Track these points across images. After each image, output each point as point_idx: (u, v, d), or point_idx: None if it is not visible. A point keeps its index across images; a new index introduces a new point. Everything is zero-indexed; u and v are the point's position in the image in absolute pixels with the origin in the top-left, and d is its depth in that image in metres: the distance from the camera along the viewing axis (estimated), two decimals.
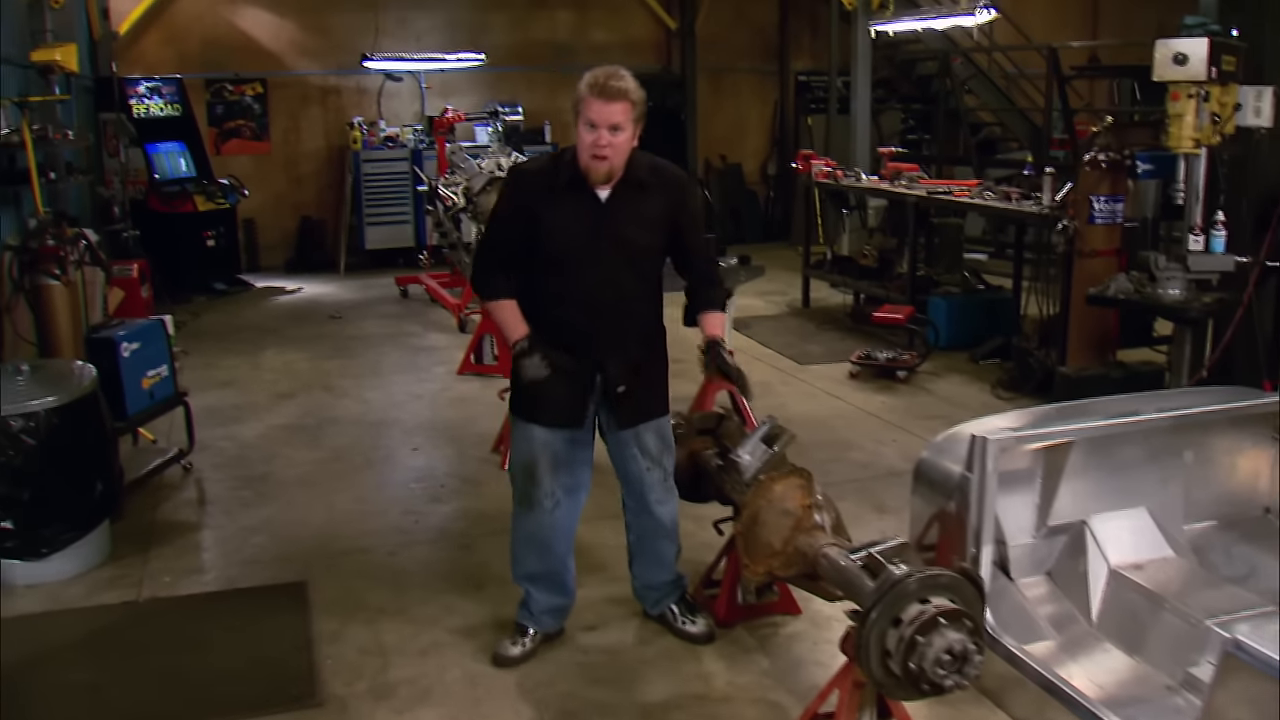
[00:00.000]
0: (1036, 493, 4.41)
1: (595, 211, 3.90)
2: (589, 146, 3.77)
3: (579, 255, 3.92)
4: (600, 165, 3.80)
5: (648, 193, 3.95)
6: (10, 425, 4.81)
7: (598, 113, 3.73)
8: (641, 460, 4.21)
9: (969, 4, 9.33)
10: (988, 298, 9.68)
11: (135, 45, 13.23)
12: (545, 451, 4.10)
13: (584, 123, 3.76)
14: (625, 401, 4.08)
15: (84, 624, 4.66)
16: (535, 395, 4.02)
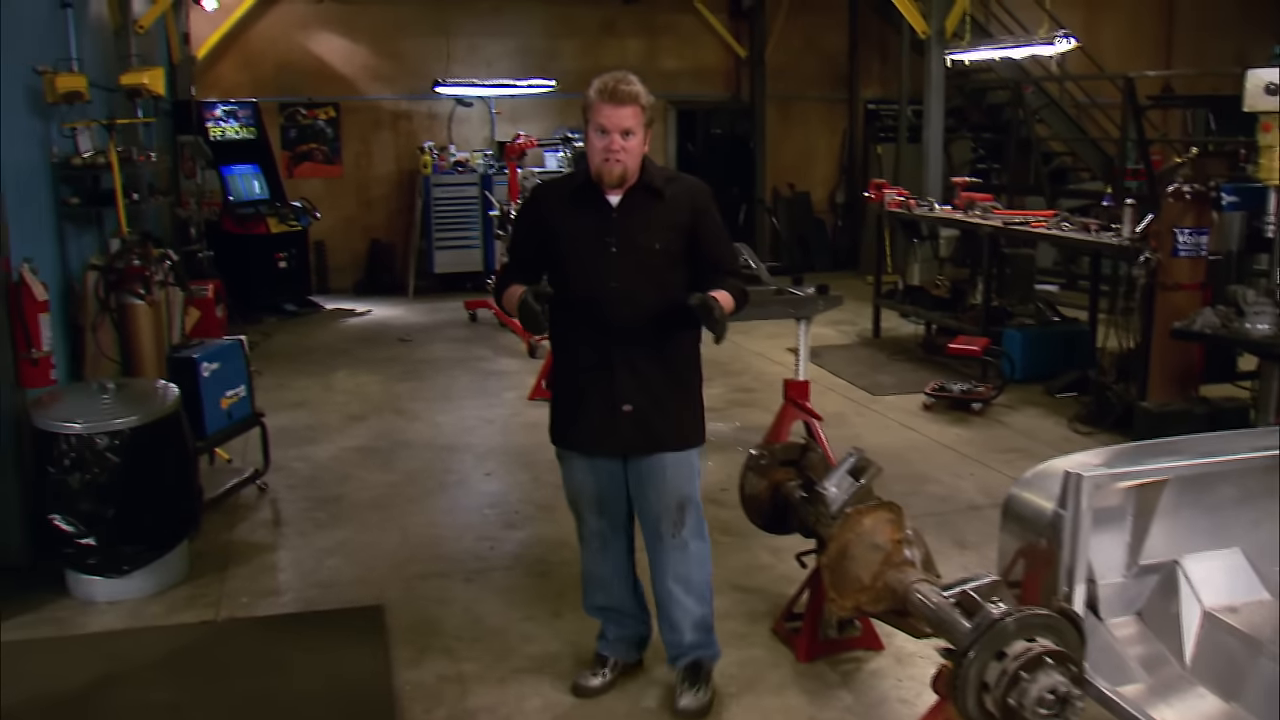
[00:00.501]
0: (1128, 531, 4.29)
1: (605, 216, 3.83)
2: (600, 151, 3.72)
3: (589, 260, 3.83)
4: (613, 169, 3.73)
5: (662, 199, 3.85)
6: (96, 443, 4.87)
7: (608, 117, 3.68)
8: (655, 504, 3.97)
9: (1047, 33, 9.20)
10: (1063, 330, 9.52)
11: (212, 69, 13.48)
12: (585, 486, 4.02)
13: (594, 128, 3.72)
14: (630, 421, 3.86)
15: (164, 642, 4.69)
16: (565, 416, 3.99)
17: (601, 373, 3.85)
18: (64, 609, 5.00)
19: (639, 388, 3.86)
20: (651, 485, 3.95)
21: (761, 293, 7.01)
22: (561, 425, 4.02)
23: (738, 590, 5.11)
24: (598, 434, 3.91)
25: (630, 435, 3.88)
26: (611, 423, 3.86)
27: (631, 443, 3.90)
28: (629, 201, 3.82)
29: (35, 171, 6.67)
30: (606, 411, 3.85)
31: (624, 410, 3.84)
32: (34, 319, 5.22)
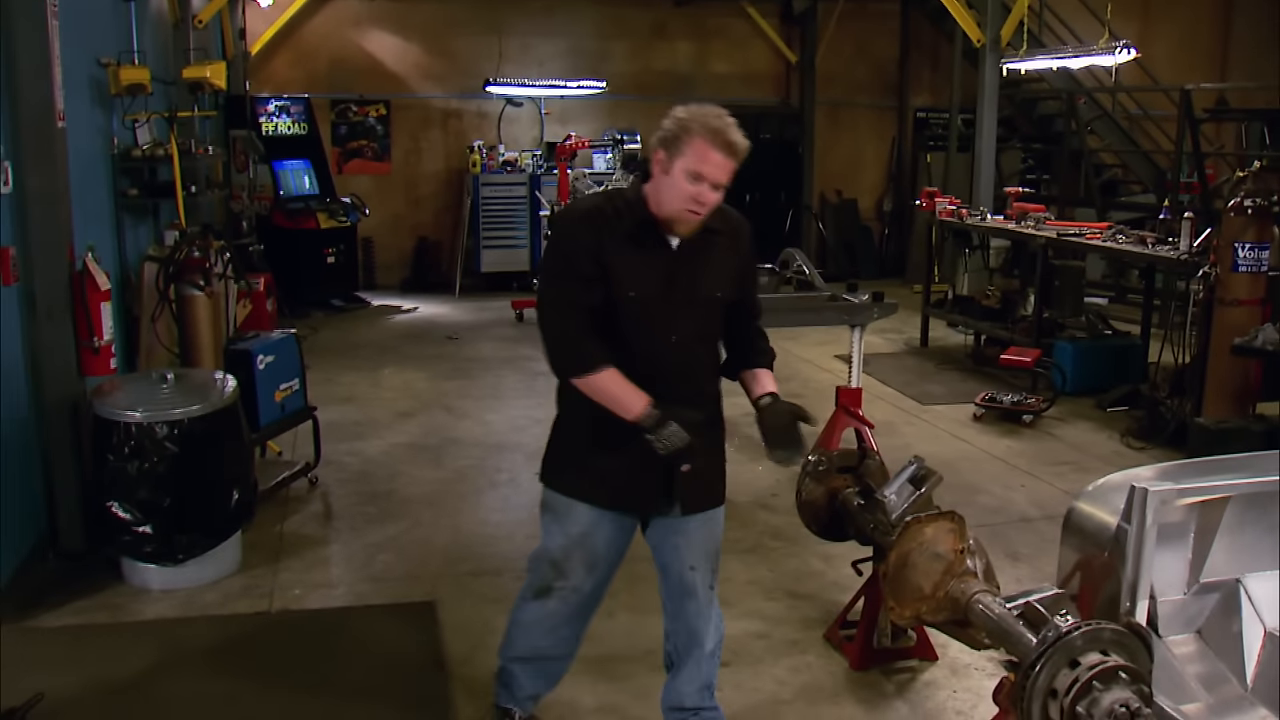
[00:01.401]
0: (1189, 548, 4.24)
1: (667, 259, 3.38)
2: (688, 199, 3.24)
3: (650, 307, 3.36)
4: (693, 220, 3.30)
5: (718, 240, 3.46)
6: (155, 432, 4.90)
7: (716, 166, 3.24)
8: (686, 558, 3.60)
9: (1106, 44, 9.11)
10: (1115, 343, 9.42)
11: (266, 65, 13.58)
12: (586, 542, 3.54)
13: (688, 171, 3.22)
14: (688, 482, 3.45)
15: (219, 631, 4.72)
16: (588, 465, 3.49)
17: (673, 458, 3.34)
18: (119, 595, 5.04)
19: (697, 446, 3.38)
20: (698, 542, 3.59)
21: (815, 299, 7.01)
22: (576, 473, 3.53)
23: (791, 596, 5.09)
24: (645, 492, 3.48)
25: (689, 496, 3.50)
26: (665, 482, 3.44)
27: (687, 502, 3.52)
28: (688, 245, 3.40)
29: (96, 162, 6.76)
30: (660, 471, 3.40)
31: (683, 470, 3.40)
32: (96, 308, 5.28)
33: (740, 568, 5.41)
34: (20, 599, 4.90)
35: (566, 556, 3.55)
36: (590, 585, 3.62)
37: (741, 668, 4.42)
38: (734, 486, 6.24)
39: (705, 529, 3.59)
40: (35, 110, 5.11)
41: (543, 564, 3.62)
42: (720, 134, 3.25)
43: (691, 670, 3.70)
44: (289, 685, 4.26)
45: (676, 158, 3.23)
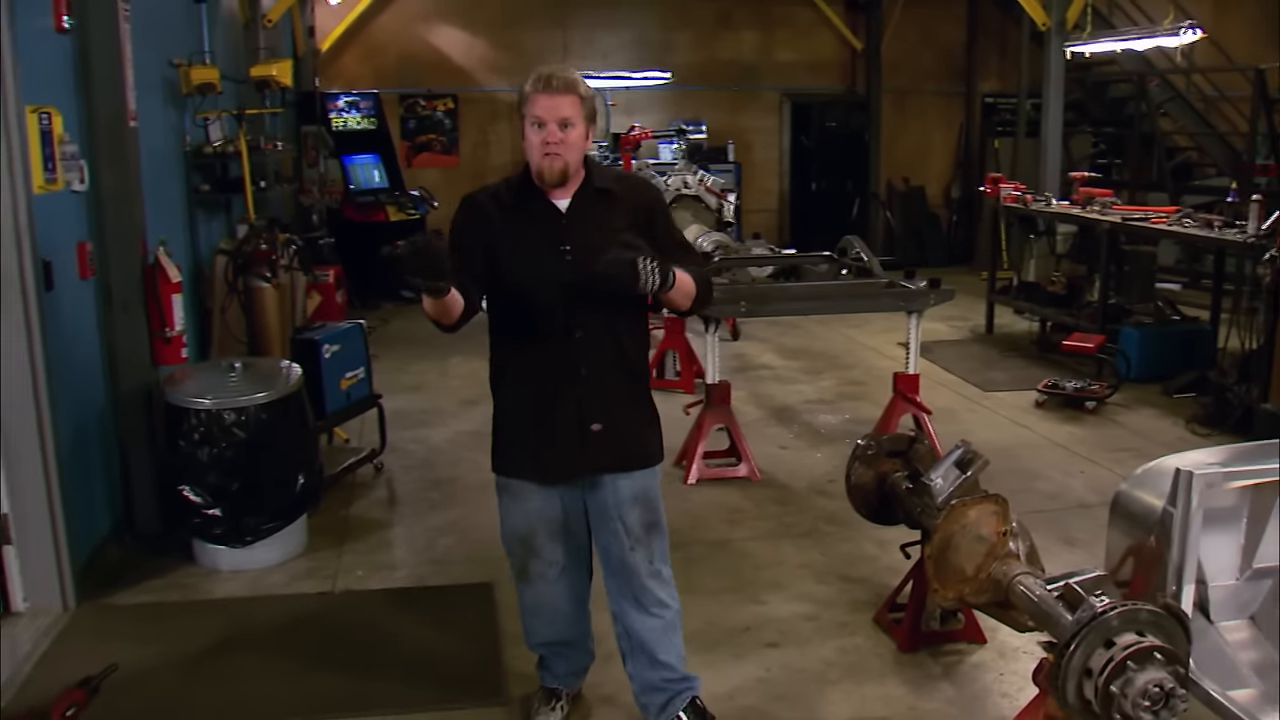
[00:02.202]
0: (1241, 533, 4.22)
1: (555, 221, 3.47)
2: (539, 146, 3.37)
3: (544, 271, 3.45)
4: (554, 163, 3.38)
5: (613, 201, 3.53)
6: (223, 418, 5.09)
7: (544, 107, 3.35)
8: (624, 538, 3.64)
9: (1172, 24, 8.99)
10: (1183, 329, 9.30)
11: (336, 61, 13.85)
12: (542, 516, 3.65)
13: (531, 122, 3.38)
14: (598, 440, 3.54)
15: (284, 610, 4.89)
16: (519, 443, 3.61)
17: (565, 391, 3.51)
18: (190, 576, 5.24)
19: (606, 405, 3.55)
20: (633, 521, 3.64)
21: (872, 285, 7.03)
22: (514, 454, 3.63)
23: (842, 580, 5.14)
24: (562, 459, 3.57)
25: (598, 455, 3.56)
26: (579, 445, 3.53)
27: (599, 463, 3.57)
28: (578, 204, 3.49)
29: (170, 159, 6.98)
30: (573, 433, 3.53)
31: (593, 430, 3.52)
32: (168, 299, 5.48)
33: (793, 551, 5.48)
34: (98, 578, 5.10)
35: (531, 532, 3.67)
36: (565, 558, 3.72)
37: (789, 648, 4.48)
38: (791, 471, 6.37)
39: (638, 508, 3.63)
40: (108, 112, 5.31)
41: (512, 546, 3.75)
42: (539, 79, 3.37)
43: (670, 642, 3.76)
44: (350, 661, 4.40)
45: (524, 119, 3.40)
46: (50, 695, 3.83)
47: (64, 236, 5.06)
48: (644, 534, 3.66)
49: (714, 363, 6.56)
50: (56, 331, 4.83)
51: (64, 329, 4.97)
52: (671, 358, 8.60)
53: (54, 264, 4.84)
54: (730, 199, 9.96)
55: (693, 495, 6.25)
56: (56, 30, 5.03)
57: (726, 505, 6.10)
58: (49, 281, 4.78)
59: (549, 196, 3.48)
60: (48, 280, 4.77)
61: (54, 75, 5.06)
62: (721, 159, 14.26)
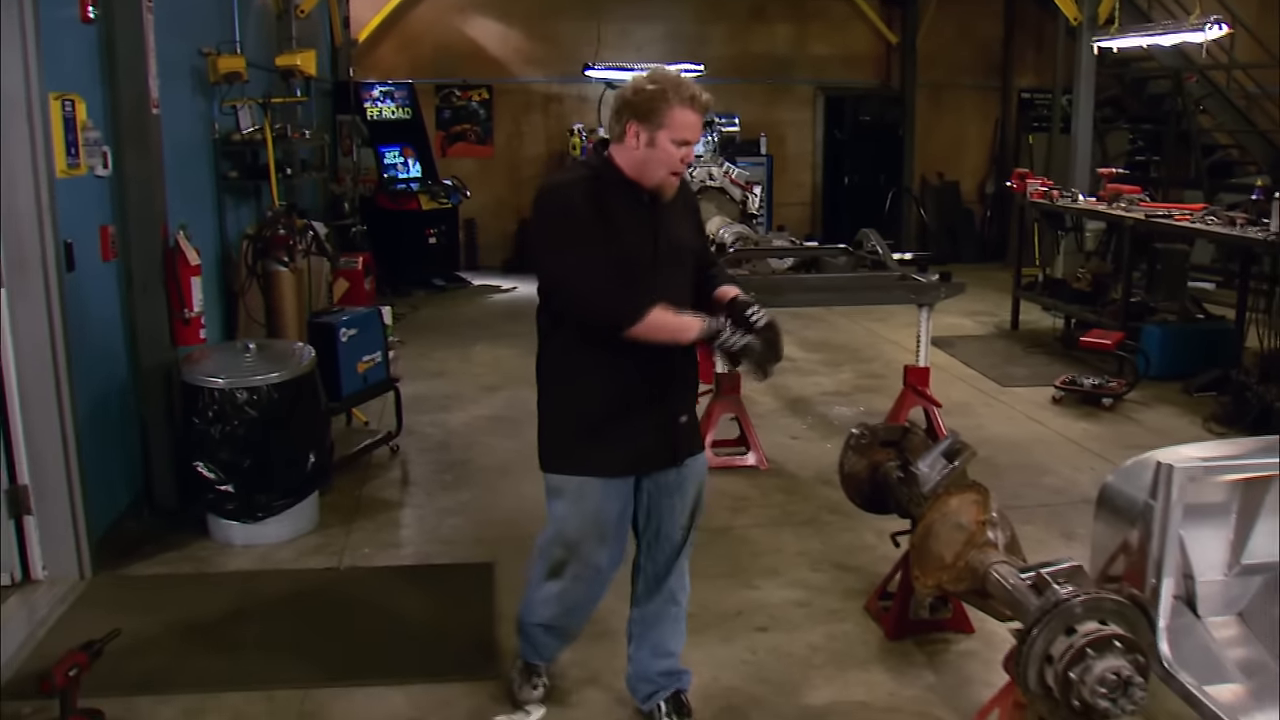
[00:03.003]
0: (1230, 528, 4.24)
1: (652, 218, 3.49)
2: (672, 162, 3.36)
3: (643, 263, 3.45)
4: (674, 180, 3.46)
5: (679, 199, 3.60)
6: (236, 397, 5.24)
7: (693, 128, 3.35)
8: (679, 519, 3.73)
9: (1199, 19, 8.94)
10: (1206, 327, 9.25)
11: (372, 52, 14.03)
12: (599, 518, 3.62)
13: (670, 136, 3.31)
14: (683, 431, 3.65)
15: (291, 584, 5.02)
16: (602, 439, 3.54)
17: (657, 386, 3.52)
18: (204, 549, 5.40)
19: (688, 396, 3.70)
20: (690, 501, 3.75)
21: (885, 278, 7.08)
22: (589, 450, 3.57)
23: (837, 568, 5.20)
24: (651, 451, 3.60)
25: (681, 445, 3.65)
26: (668, 437, 3.61)
27: (681, 452, 3.66)
28: (660, 203, 3.51)
29: (198, 146, 7.15)
30: (664, 425, 3.59)
31: (680, 422, 3.62)
32: (187, 281, 5.63)
33: (793, 539, 5.55)
34: (116, 550, 5.27)
35: (582, 538, 3.64)
36: (605, 560, 3.71)
37: (778, 633, 4.56)
38: (799, 461, 6.44)
39: (696, 489, 3.75)
40: (131, 99, 5.46)
41: (554, 548, 3.71)
42: (695, 98, 3.33)
43: (675, 632, 3.88)
44: (349, 634, 4.54)
45: (659, 129, 3.31)
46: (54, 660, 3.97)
47: (86, 219, 5.23)
48: (692, 517, 3.78)
49: None
50: (77, 311, 4.99)
51: (86, 309, 5.13)
52: None
53: (75, 245, 5.01)
54: (756, 191, 10.01)
55: None
56: (82, 20, 5.19)
57: (732, 493, 6.18)
58: (70, 262, 4.94)
59: (640, 194, 3.46)
60: (69, 261, 4.93)
61: (79, 64, 5.22)
62: (754, 152, 14.30)
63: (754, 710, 3.99)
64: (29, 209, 4.70)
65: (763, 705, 4.02)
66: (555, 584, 3.78)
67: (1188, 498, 3.91)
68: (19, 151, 4.65)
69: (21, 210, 4.68)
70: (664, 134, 3.31)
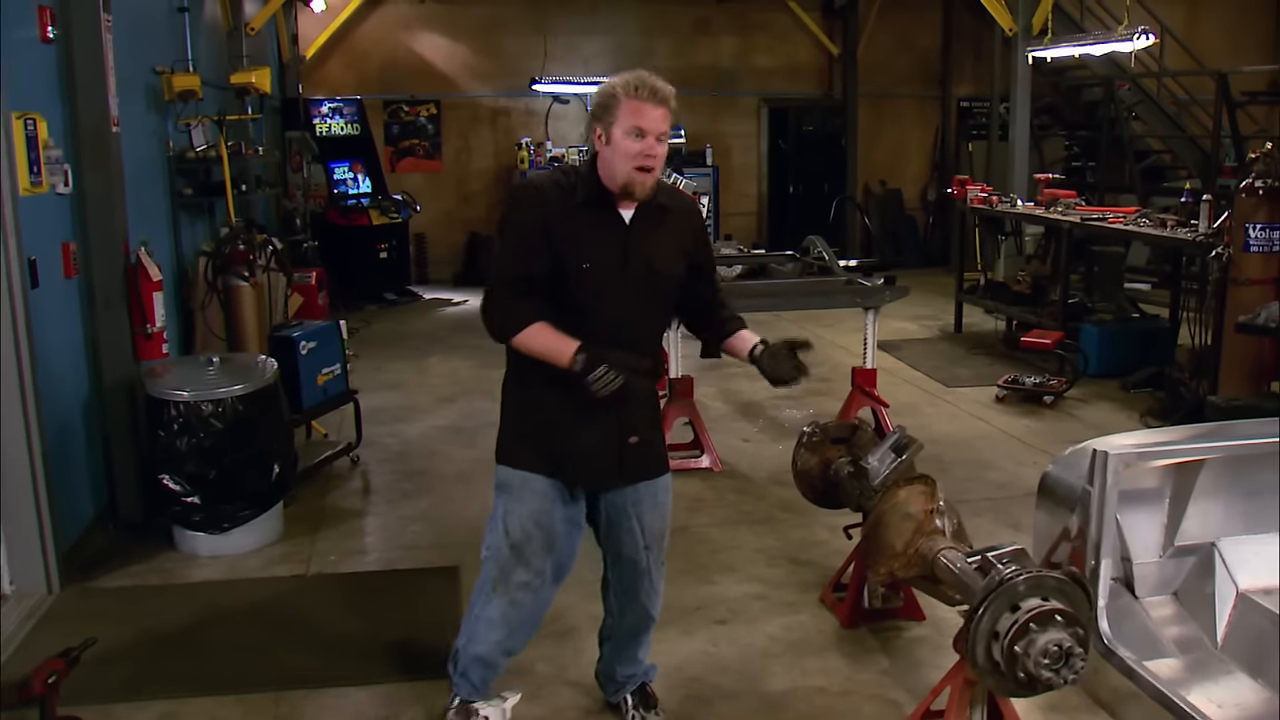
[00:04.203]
0: (1164, 512, 4.45)
1: (621, 232, 3.41)
2: (634, 156, 3.27)
3: (604, 280, 3.39)
4: (647, 179, 3.32)
5: (668, 215, 3.50)
6: (201, 410, 5.32)
7: (650, 119, 3.26)
8: (640, 537, 3.70)
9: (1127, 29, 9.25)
10: (1142, 326, 9.56)
11: (320, 68, 14.11)
12: (544, 519, 3.59)
13: (626, 131, 3.26)
14: (635, 452, 3.58)
15: (258, 592, 5.11)
16: (550, 443, 3.53)
17: (607, 402, 3.34)
18: (170, 561, 5.47)
19: (641, 416, 3.60)
20: (647, 512, 3.69)
21: (831, 283, 7.28)
22: (538, 449, 3.57)
23: (792, 563, 5.38)
24: (598, 469, 3.58)
25: (633, 467, 3.60)
26: (616, 457, 3.55)
27: (633, 474, 3.62)
28: (641, 218, 3.44)
29: (153, 164, 7.21)
30: (612, 445, 3.54)
31: (630, 443, 3.55)
32: (149, 297, 5.71)
33: (750, 536, 5.72)
34: (83, 563, 5.32)
35: (527, 538, 3.59)
36: (550, 568, 3.67)
37: (737, 625, 4.72)
38: (752, 463, 6.60)
39: (656, 511, 3.71)
40: (91, 118, 5.53)
41: (501, 552, 3.64)
42: (645, 86, 3.29)
43: (645, 642, 3.95)
44: (320, 639, 4.63)
45: (614, 125, 3.29)
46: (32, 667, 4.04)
47: (48, 237, 5.28)
48: (659, 535, 3.75)
49: (677, 357, 6.79)
50: (41, 327, 5.05)
51: (49, 325, 5.19)
52: None
53: (39, 262, 5.07)
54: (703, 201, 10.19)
55: None
56: (41, 40, 5.26)
57: (688, 494, 6.33)
58: (34, 279, 5.00)
59: (616, 205, 3.40)
60: (33, 278, 4.99)
61: (39, 83, 5.29)
62: (700, 163, 14.52)
63: (717, 699, 4.14)
64: None
65: (725, 693, 4.18)
66: (501, 599, 3.68)
67: (1123, 483, 4.12)
68: None
69: None
70: (617, 129, 3.28)
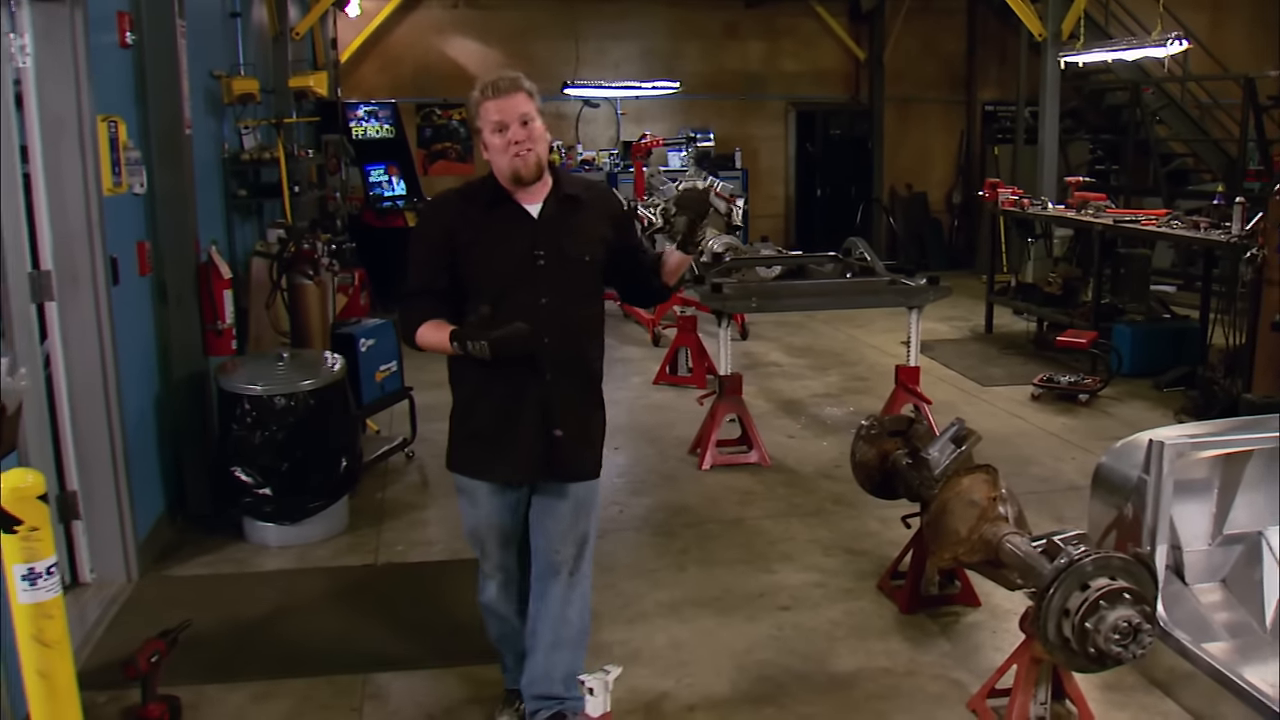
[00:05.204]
0: (1213, 501, 4.61)
1: (529, 226, 3.49)
2: (507, 147, 3.38)
3: (516, 277, 3.46)
4: (528, 159, 3.39)
5: (582, 207, 3.57)
6: (274, 403, 5.49)
7: (501, 109, 3.38)
8: (554, 540, 3.68)
9: (1160, 35, 9.39)
10: (1173, 326, 9.69)
11: (354, 72, 14.30)
12: (494, 518, 3.67)
13: (491, 130, 3.40)
14: (558, 449, 3.57)
15: (331, 580, 5.28)
16: (480, 445, 3.59)
17: (532, 396, 3.50)
18: (241, 551, 5.64)
19: (569, 412, 3.58)
20: (562, 516, 3.67)
21: (875, 283, 7.43)
22: (474, 455, 3.63)
23: (847, 552, 5.53)
24: (526, 462, 3.57)
25: (560, 461, 3.59)
26: (541, 450, 3.55)
27: (558, 470, 3.61)
28: (550, 210, 3.52)
29: (211, 166, 7.38)
30: (537, 438, 3.54)
31: (556, 435, 3.55)
32: (220, 294, 5.89)
33: (802, 528, 5.87)
34: (155, 553, 5.50)
35: (485, 534, 3.70)
36: (512, 563, 3.77)
37: (800, 611, 4.88)
38: (799, 458, 6.76)
39: (576, 513, 3.67)
40: (166, 120, 5.73)
41: (471, 542, 3.81)
42: (488, 85, 3.43)
43: (561, 657, 3.74)
44: (396, 624, 4.80)
45: (482, 129, 3.44)
46: (131, 648, 4.20)
47: (126, 236, 5.47)
48: (578, 542, 3.70)
49: (726, 356, 6.95)
50: (119, 323, 5.23)
51: (126, 321, 5.37)
52: (684, 354, 9.00)
53: (119, 260, 5.25)
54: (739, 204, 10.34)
55: (707, 479, 6.66)
56: (120, 45, 5.45)
57: (739, 488, 6.50)
58: (115, 276, 5.19)
59: (519, 201, 3.49)
60: (114, 275, 5.18)
61: (119, 87, 5.47)
62: (729, 166, 14.69)
63: (788, 679, 4.30)
64: (80, 226, 4.93)
65: (795, 674, 4.33)
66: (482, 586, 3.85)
67: (1176, 473, 4.29)
68: (71, 171, 4.89)
69: (73, 227, 4.92)
70: (484, 131, 3.43)
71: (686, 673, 4.35)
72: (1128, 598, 3.42)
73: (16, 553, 2.86)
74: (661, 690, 4.24)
